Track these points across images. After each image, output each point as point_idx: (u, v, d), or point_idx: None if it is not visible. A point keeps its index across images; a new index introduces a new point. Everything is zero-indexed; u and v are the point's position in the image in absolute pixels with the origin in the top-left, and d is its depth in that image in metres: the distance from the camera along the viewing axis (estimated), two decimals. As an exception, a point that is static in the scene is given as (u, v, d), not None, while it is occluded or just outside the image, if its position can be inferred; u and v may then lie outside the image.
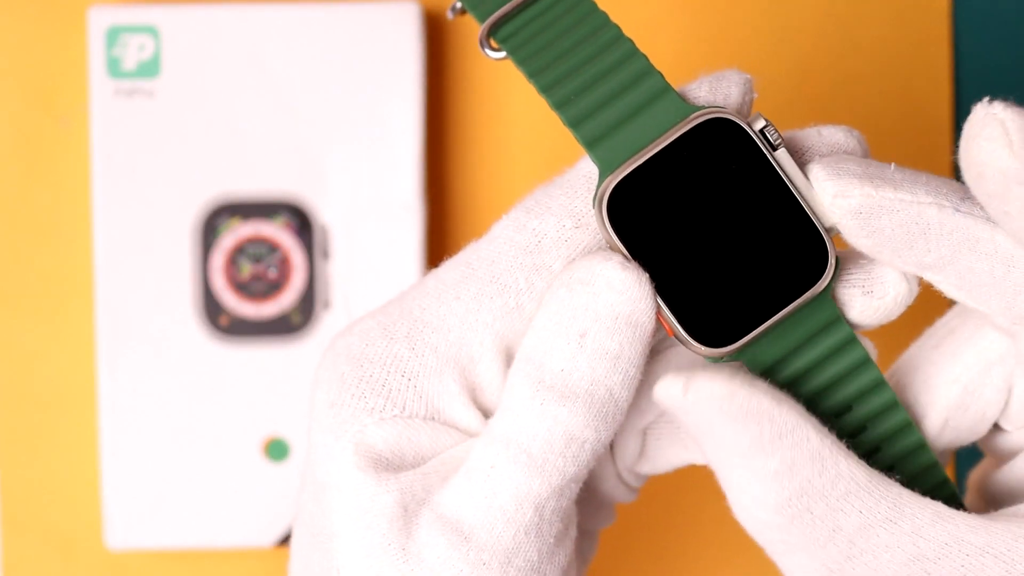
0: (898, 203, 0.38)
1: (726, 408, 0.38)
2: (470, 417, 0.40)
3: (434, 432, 0.40)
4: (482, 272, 0.40)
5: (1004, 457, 0.42)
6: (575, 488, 0.40)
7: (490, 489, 0.39)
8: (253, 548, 0.58)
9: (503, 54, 0.41)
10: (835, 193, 0.38)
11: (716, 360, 0.39)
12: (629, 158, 0.39)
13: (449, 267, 0.41)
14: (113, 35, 0.57)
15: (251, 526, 0.57)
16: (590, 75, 0.39)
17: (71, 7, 0.59)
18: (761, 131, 0.39)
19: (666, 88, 0.39)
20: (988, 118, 0.36)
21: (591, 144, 0.39)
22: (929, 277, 0.39)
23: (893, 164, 0.39)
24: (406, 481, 0.39)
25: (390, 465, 0.40)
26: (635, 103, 0.39)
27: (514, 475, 0.39)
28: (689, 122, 0.39)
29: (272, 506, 0.57)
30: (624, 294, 0.38)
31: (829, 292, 0.40)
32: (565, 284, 0.39)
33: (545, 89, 0.40)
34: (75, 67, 0.59)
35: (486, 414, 0.41)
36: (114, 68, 0.57)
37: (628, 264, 0.39)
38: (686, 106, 0.39)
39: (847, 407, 0.40)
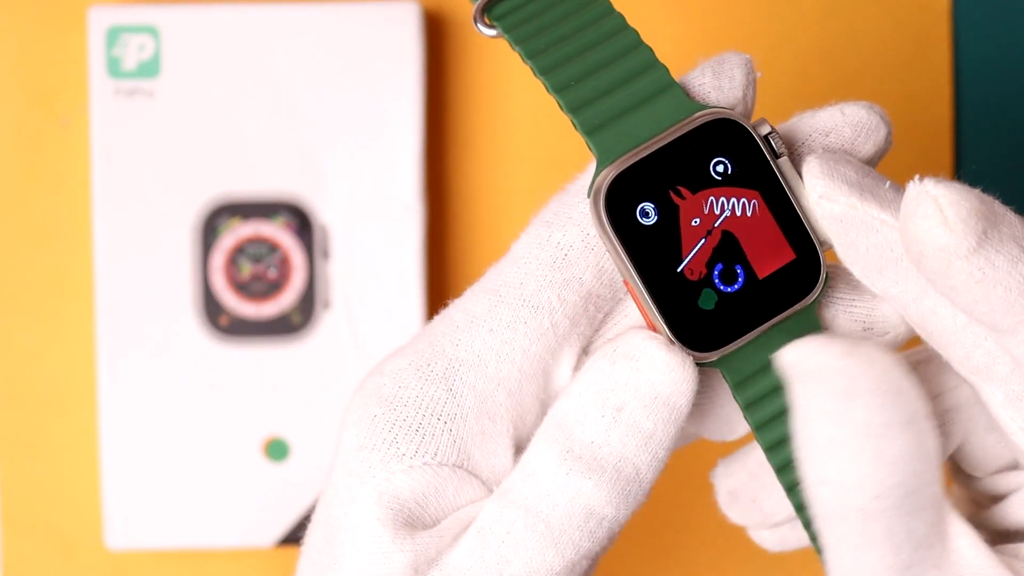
0: (879, 223, 0.38)
1: (883, 379, 0.37)
2: (504, 460, 0.40)
3: (460, 483, 0.39)
4: (511, 298, 0.39)
5: (992, 499, 0.42)
6: (586, 565, 0.39)
7: (503, 556, 0.38)
8: (253, 548, 0.58)
9: (496, 32, 0.40)
10: (822, 194, 0.38)
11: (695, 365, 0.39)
12: (629, 150, 0.38)
13: (475, 296, 0.40)
14: (113, 35, 0.57)
15: (251, 526, 0.57)
16: (592, 61, 0.39)
17: (71, 7, 0.59)
18: (766, 137, 0.39)
19: (671, 83, 0.39)
20: (921, 196, 0.36)
21: (590, 131, 0.38)
22: (896, 308, 0.39)
23: (888, 183, 0.38)
24: (421, 543, 0.39)
25: (411, 517, 0.39)
26: (638, 94, 0.38)
27: (529, 545, 0.38)
28: (694, 120, 0.38)
29: (272, 506, 0.57)
30: (668, 375, 0.38)
31: (815, 307, 0.39)
32: (607, 356, 0.38)
33: (543, 71, 0.39)
34: (75, 67, 0.59)
35: (525, 443, 0.40)
36: (114, 68, 0.57)
37: (673, 346, 0.38)
38: (691, 103, 0.38)
39: None
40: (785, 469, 0.40)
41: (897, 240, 0.38)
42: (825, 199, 0.38)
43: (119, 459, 0.57)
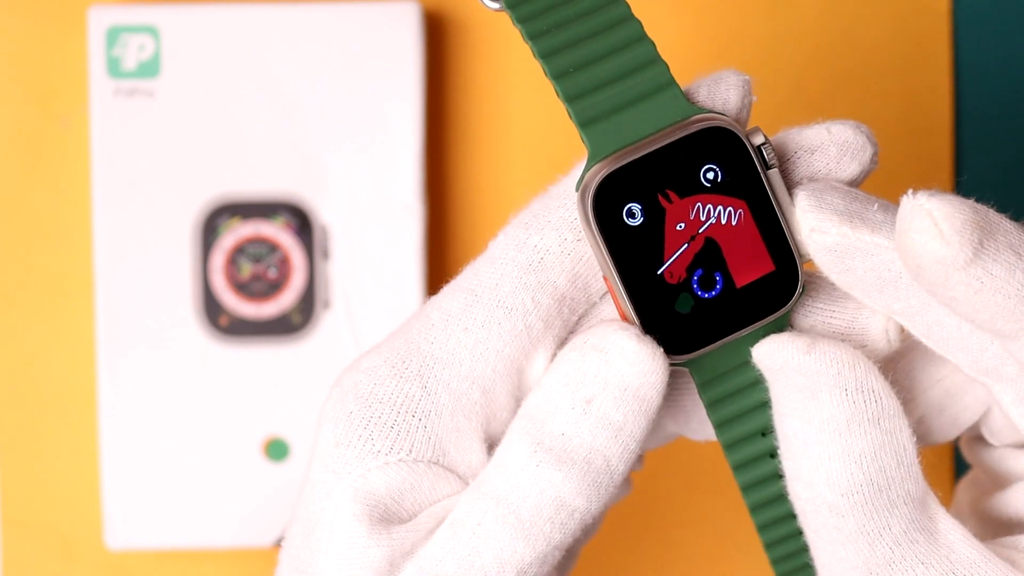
0: (873, 247, 0.38)
1: (844, 376, 0.38)
2: (478, 456, 0.40)
3: (436, 478, 0.40)
4: (486, 298, 0.39)
5: (998, 479, 0.42)
6: (557, 556, 0.39)
7: (474, 547, 0.38)
8: (253, 548, 0.58)
9: (499, 5, 0.40)
10: (812, 227, 0.38)
11: None
12: (622, 148, 0.38)
13: (451, 294, 0.40)
14: (113, 35, 0.57)
15: (251, 526, 0.57)
16: (594, 50, 0.38)
17: (71, 7, 0.59)
18: (758, 148, 0.39)
19: (671, 81, 0.39)
20: (915, 210, 0.36)
21: (585, 124, 0.38)
22: (899, 320, 0.39)
23: (877, 204, 0.38)
24: (398, 537, 0.39)
25: (387, 512, 0.39)
26: (637, 90, 0.38)
27: (500, 536, 0.38)
28: (689, 125, 0.38)
29: (272, 506, 0.57)
30: (637, 366, 0.38)
31: (787, 318, 0.39)
32: (578, 348, 0.39)
33: (544, 55, 0.39)
34: (75, 67, 0.59)
35: (500, 439, 0.40)
36: (114, 68, 0.57)
37: (644, 337, 0.38)
38: (688, 105, 0.39)
39: (771, 428, 0.40)
40: (741, 468, 0.41)
41: (893, 261, 0.38)
42: (816, 232, 0.38)
43: (119, 459, 0.57)
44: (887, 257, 0.38)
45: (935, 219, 0.36)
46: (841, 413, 0.38)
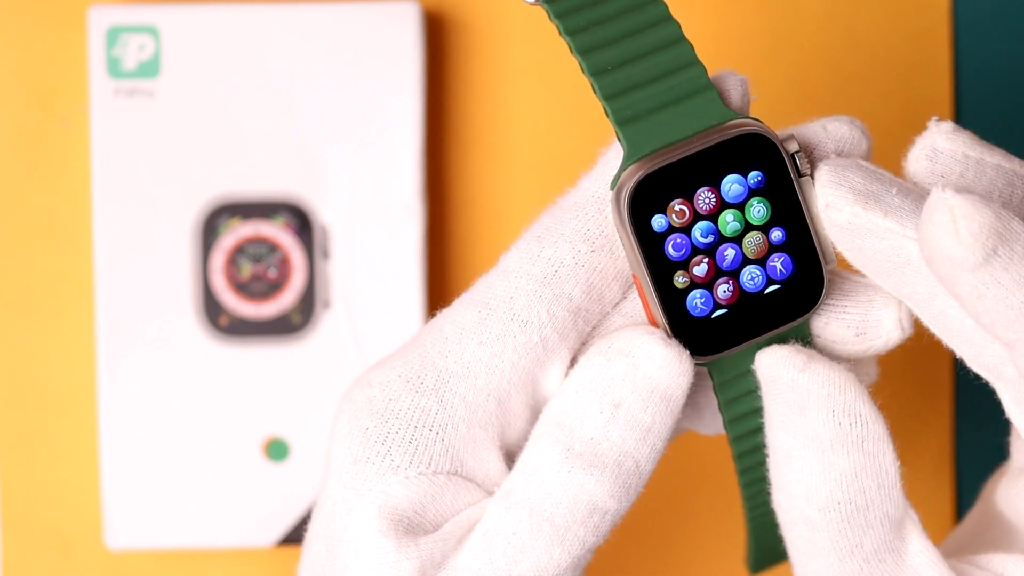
0: (883, 231, 0.38)
1: (833, 398, 0.38)
2: (496, 464, 0.40)
3: (456, 489, 0.40)
4: (501, 311, 0.39)
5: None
6: (589, 558, 0.40)
7: (511, 557, 0.39)
8: (253, 548, 0.58)
9: (535, 0, 0.40)
10: (827, 203, 0.38)
11: None
12: (658, 149, 0.38)
13: (464, 308, 0.40)
14: (113, 35, 0.57)
15: (251, 526, 0.57)
16: (632, 48, 0.39)
17: (71, 7, 0.59)
18: (793, 155, 0.39)
19: (708, 84, 0.39)
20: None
21: (623, 123, 0.38)
22: (907, 304, 0.39)
23: (896, 188, 0.38)
24: (426, 548, 0.39)
25: (411, 525, 0.39)
26: (674, 91, 0.38)
27: (536, 544, 0.39)
28: (726, 130, 0.38)
29: (272, 506, 0.57)
30: (664, 368, 0.38)
31: (808, 322, 0.40)
32: (603, 353, 0.39)
33: (582, 51, 0.39)
34: (75, 67, 0.59)
35: (513, 450, 0.41)
36: (114, 68, 0.57)
37: (670, 340, 0.39)
38: (725, 110, 0.39)
39: None
40: (744, 455, 0.41)
41: (901, 246, 0.38)
42: (831, 208, 0.38)
43: (119, 459, 0.57)
44: (896, 242, 0.38)
45: (955, 216, 0.36)
46: (826, 432, 0.38)
